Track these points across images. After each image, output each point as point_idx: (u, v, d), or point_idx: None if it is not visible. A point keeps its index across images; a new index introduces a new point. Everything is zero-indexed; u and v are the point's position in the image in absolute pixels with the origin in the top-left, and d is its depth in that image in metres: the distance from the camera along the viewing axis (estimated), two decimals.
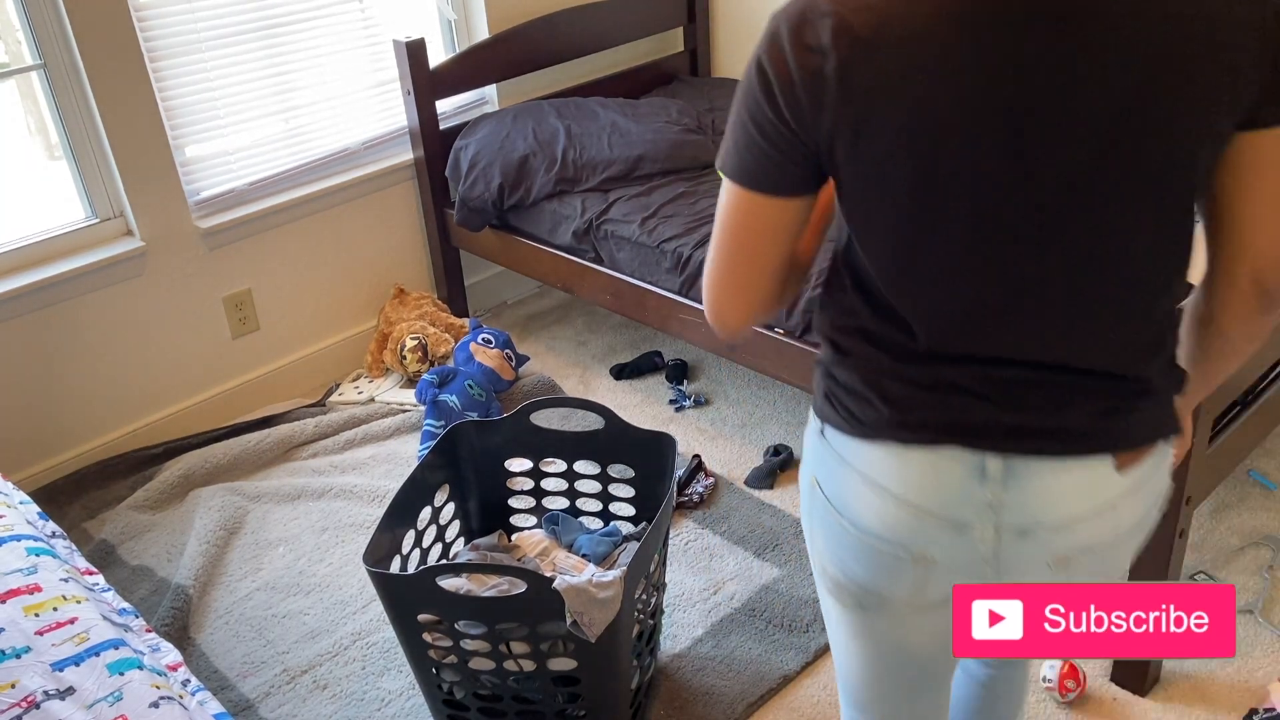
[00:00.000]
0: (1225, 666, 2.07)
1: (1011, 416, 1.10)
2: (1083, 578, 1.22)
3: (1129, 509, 1.17)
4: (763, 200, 1.08)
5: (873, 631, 1.29)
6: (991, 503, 1.13)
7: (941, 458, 1.12)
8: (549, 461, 2.22)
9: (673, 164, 2.98)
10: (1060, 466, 1.12)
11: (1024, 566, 1.20)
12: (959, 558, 1.18)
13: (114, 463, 2.84)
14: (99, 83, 2.62)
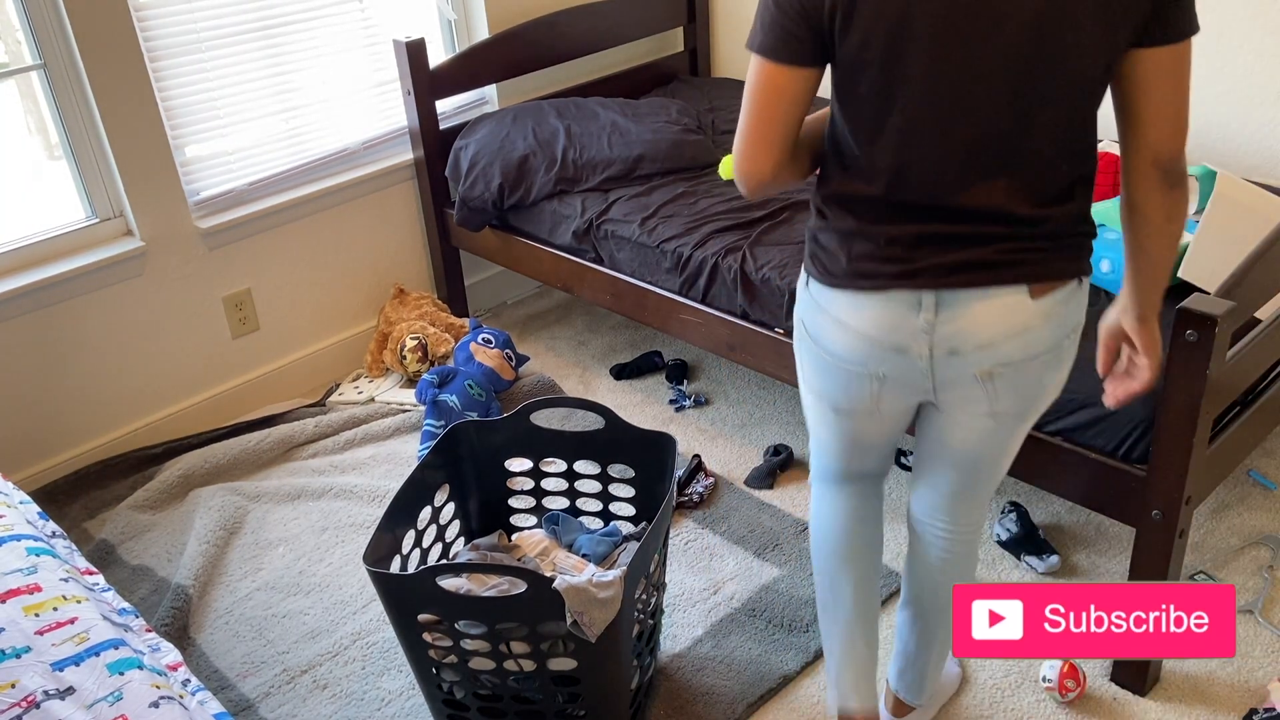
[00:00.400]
0: (1225, 666, 2.07)
1: (943, 258, 1.43)
2: (1006, 392, 1.52)
3: (1042, 332, 1.47)
4: (780, 69, 1.40)
5: (839, 426, 1.69)
6: (925, 329, 1.47)
7: (888, 299, 1.47)
8: (549, 461, 2.22)
9: (673, 164, 2.98)
10: (982, 295, 1.44)
11: (955, 379, 1.52)
12: (903, 374, 1.53)
13: (114, 463, 2.84)
14: (99, 83, 2.62)
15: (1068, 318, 1.49)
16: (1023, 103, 1.35)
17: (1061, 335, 1.50)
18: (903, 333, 1.48)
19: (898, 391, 1.56)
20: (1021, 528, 2.38)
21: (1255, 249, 1.80)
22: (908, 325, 1.47)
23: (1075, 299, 1.49)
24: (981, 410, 1.56)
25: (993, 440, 1.63)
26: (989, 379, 1.50)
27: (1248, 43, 2.66)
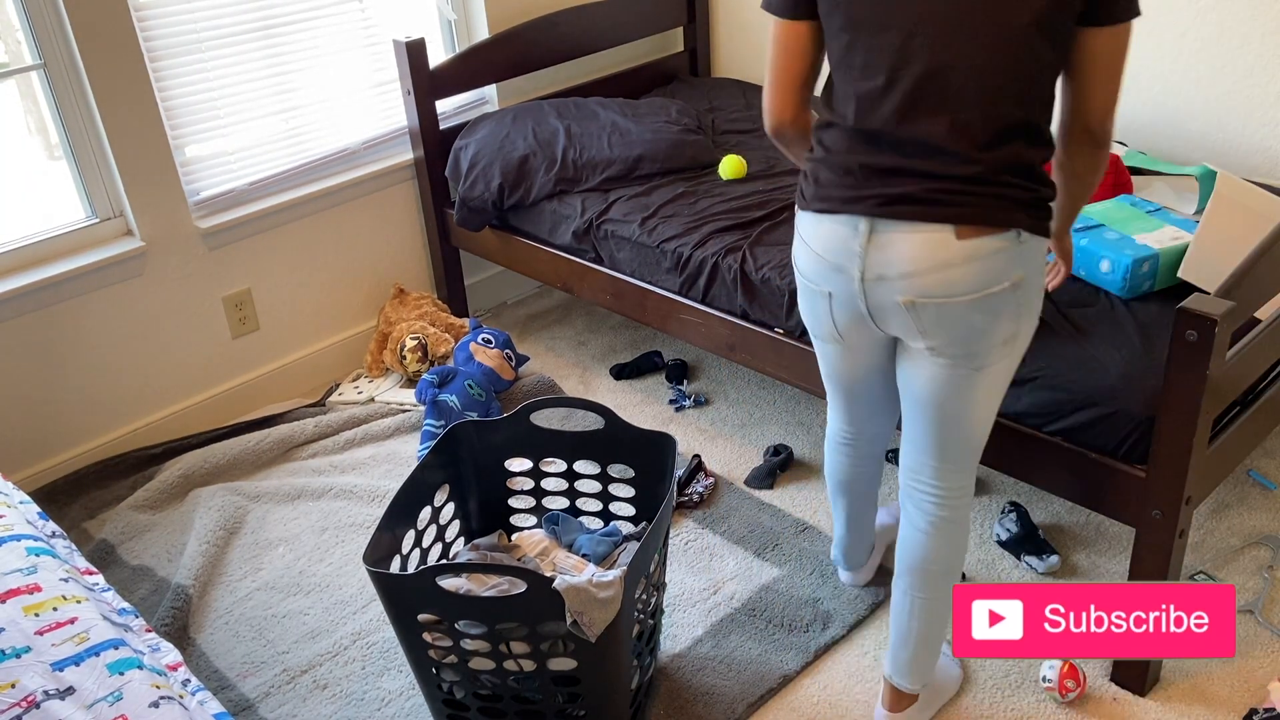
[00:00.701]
0: (1225, 666, 2.07)
1: (883, 189, 1.60)
2: (934, 327, 1.65)
3: (964, 274, 1.59)
4: (782, 23, 1.77)
5: (822, 353, 1.93)
6: (859, 253, 1.64)
7: (835, 221, 1.66)
8: (549, 461, 2.22)
9: (673, 164, 2.98)
10: (910, 228, 1.59)
11: (884, 304, 1.67)
12: (844, 293, 1.70)
13: (114, 463, 2.84)
14: (99, 83, 2.62)
15: (1000, 268, 1.59)
16: (960, 43, 1.52)
17: (990, 283, 1.59)
18: (841, 254, 1.66)
19: (845, 312, 1.73)
20: (1021, 528, 2.38)
21: (1255, 249, 1.80)
22: (846, 247, 1.65)
23: (1013, 252, 1.59)
24: (922, 346, 1.69)
25: (949, 387, 1.72)
26: (912, 308, 1.64)
27: (1248, 43, 2.66)
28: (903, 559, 1.91)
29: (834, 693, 2.09)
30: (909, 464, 1.86)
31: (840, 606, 2.26)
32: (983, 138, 1.55)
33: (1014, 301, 1.63)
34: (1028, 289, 1.64)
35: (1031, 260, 1.63)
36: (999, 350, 1.68)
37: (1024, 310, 1.66)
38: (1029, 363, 2.02)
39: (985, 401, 1.75)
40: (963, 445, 1.80)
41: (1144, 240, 2.16)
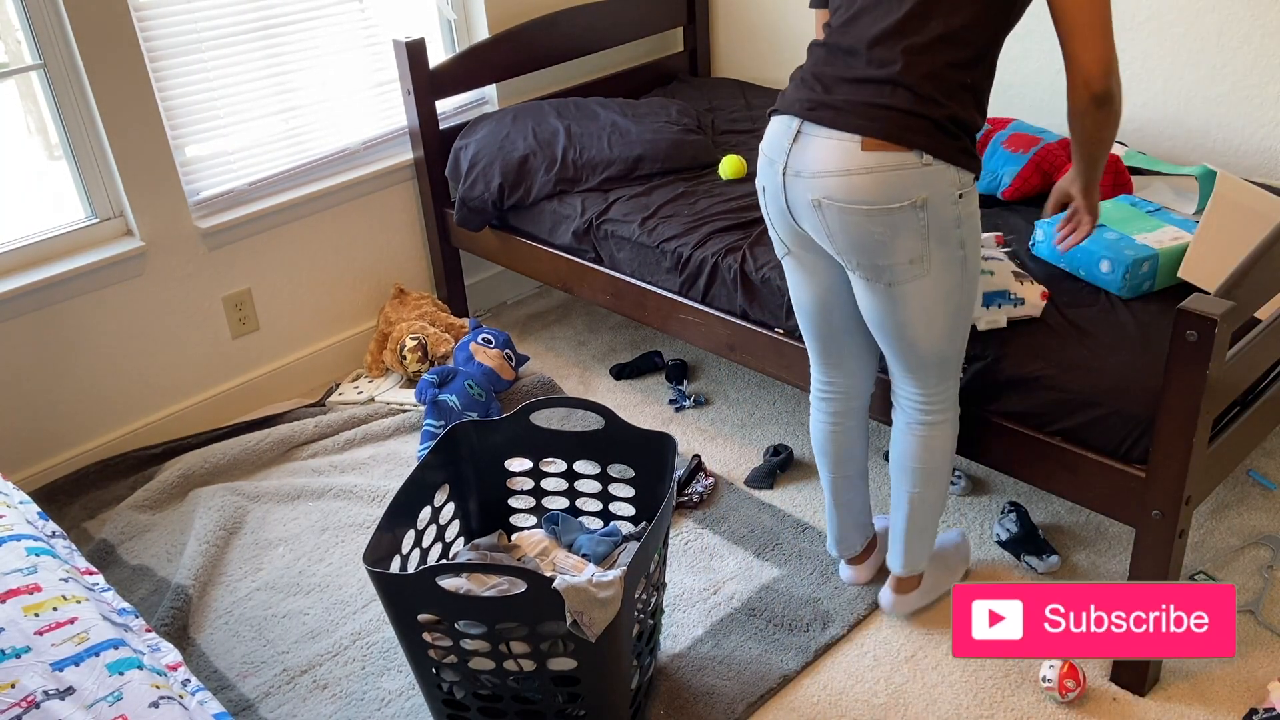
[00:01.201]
0: (1225, 666, 2.07)
1: (818, 96, 1.77)
2: (838, 231, 1.79)
3: (865, 184, 1.73)
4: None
5: (790, 280, 2.06)
6: (786, 149, 1.81)
7: (778, 121, 1.85)
8: (549, 461, 2.22)
9: (673, 164, 2.98)
10: (824, 133, 1.75)
11: (798, 201, 1.83)
12: (771, 185, 1.87)
13: (114, 463, 2.84)
14: (99, 83, 2.62)
15: (901, 185, 1.72)
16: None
17: (890, 198, 1.73)
18: (775, 149, 1.84)
19: (774, 208, 1.90)
20: (1021, 528, 2.38)
21: (1255, 249, 1.80)
22: (779, 144, 1.83)
23: (914, 172, 1.71)
24: (834, 254, 1.86)
25: (876, 304, 1.87)
26: (818, 208, 1.79)
27: (1247, 44, 2.66)
28: (892, 457, 2.11)
29: (834, 693, 2.09)
30: (892, 373, 2.04)
31: (840, 606, 2.26)
32: (905, 44, 1.70)
33: (915, 220, 1.74)
34: (934, 211, 1.74)
35: (936, 183, 1.73)
36: (908, 269, 1.79)
37: (932, 232, 1.76)
38: (1029, 363, 2.03)
39: (921, 320, 1.86)
40: (918, 360, 1.94)
41: (1144, 240, 2.16)
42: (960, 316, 1.91)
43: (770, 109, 1.89)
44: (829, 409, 2.16)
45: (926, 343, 1.91)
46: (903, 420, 2.06)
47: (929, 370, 1.97)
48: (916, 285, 1.82)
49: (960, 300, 1.88)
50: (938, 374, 1.97)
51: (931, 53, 1.70)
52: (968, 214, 1.80)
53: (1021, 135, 2.66)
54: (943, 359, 1.95)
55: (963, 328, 1.94)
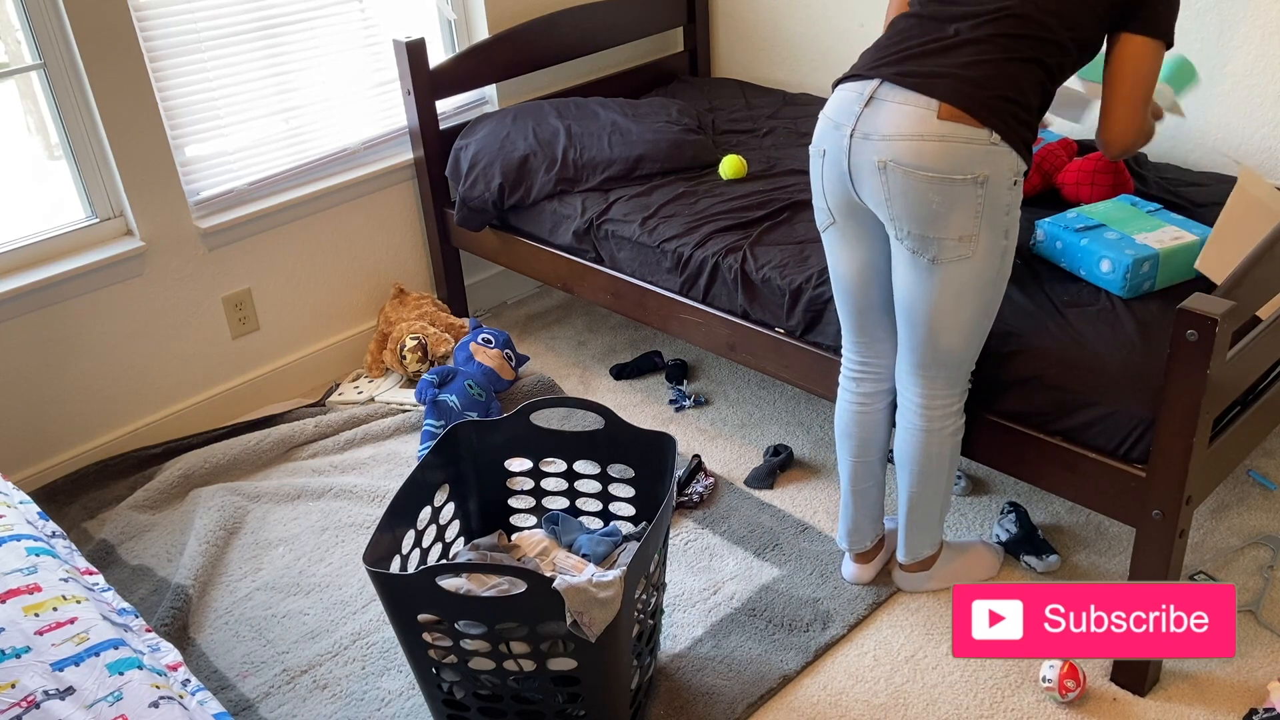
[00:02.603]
0: (1225, 666, 2.07)
1: (899, 65, 1.81)
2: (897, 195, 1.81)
3: (934, 150, 1.76)
4: None
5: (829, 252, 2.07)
6: (857, 113, 1.83)
7: (849, 88, 1.87)
8: (549, 461, 2.22)
9: (673, 164, 2.98)
10: (903, 97, 1.78)
11: (861, 162, 1.84)
12: (833, 148, 1.88)
13: (114, 463, 2.84)
14: (99, 83, 2.62)
15: (968, 158, 1.76)
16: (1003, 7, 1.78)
17: (955, 168, 1.76)
18: (843, 113, 1.86)
19: (832, 173, 1.91)
20: (1021, 528, 2.38)
21: (1256, 249, 1.80)
22: (849, 109, 1.85)
23: (983, 149, 1.75)
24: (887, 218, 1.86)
25: (913, 280, 1.89)
26: (883, 169, 1.81)
27: (1248, 43, 2.66)
28: (895, 452, 2.14)
29: (834, 693, 2.09)
30: (899, 369, 2.06)
31: (840, 606, 2.26)
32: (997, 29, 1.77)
33: (974, 197, 1.78)
34: (993, 191, 1.78)
35: (1000, 164, 1.77)
36: (955, 245, 1.82)
37: (985, 212, 1.79)
38: (1029, 363, 2.03)
39: (950, 307, 1.89)
40: (933, 356, 1.96)
41: (1144, 240, 2.16)
42: (985, 315, 1.94)
43: (837, 80, 1.92)
44: (859, 390, 2.16)
45: (948, 336, 1.93)
46: (904, 422, 2.08)
47: (940, 370, 1.98)
48: (958, 267, 1.84)
49: (991, 296, 1.91)
50: (947, 377, 1.99)
51: (1028, 45, 1.77)
52: (1016, 203, 1.84)
53: None
54: (956, 360, 1.97)
55: (983, 330, 1.96)
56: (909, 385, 2.04)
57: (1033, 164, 2.58)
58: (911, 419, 2.06)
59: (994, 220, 1.81)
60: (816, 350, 2.37)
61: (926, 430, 2.04)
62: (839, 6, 3.41)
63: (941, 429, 2.04)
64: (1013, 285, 2.23)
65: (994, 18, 1.79)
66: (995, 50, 1.78)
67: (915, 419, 2.05)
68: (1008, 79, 1.77)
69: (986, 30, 1.79)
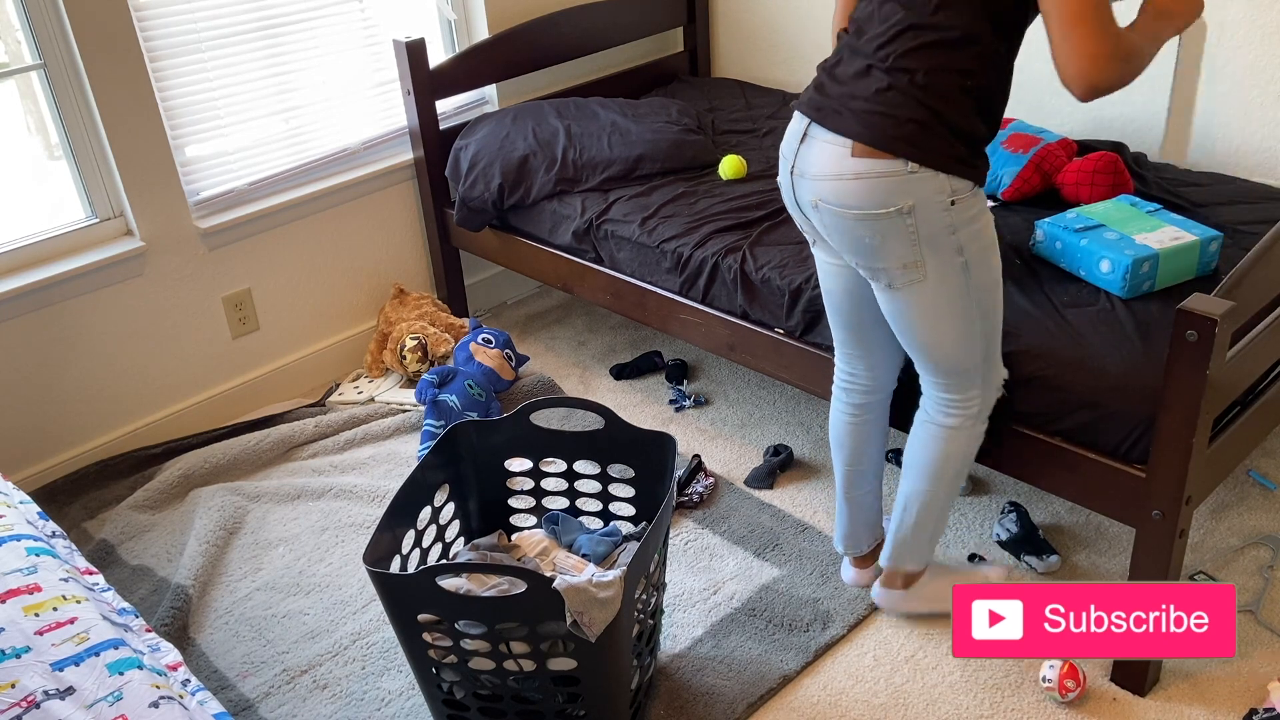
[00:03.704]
0: (1225, 666, 2.07)
1: (819, 95, 1.79)
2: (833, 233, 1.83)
3: (853, 190, 1.74)
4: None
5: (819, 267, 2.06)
6: (796, 148, 1.83)
7: (794, 119, 1.86)
8: (549, 461, 2.22)
9: (673, 164, 2.98)
10: (824, 136, 1.76)
11: (802, 198, 1.86)
12: (784, 181, 1.90)
13: (114, 463, 2.84)
14: (99, 83, 2.62)
15: (886, 192, 1.71)
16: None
17: (875, 204, 1.72)
18: (788, 147, 1.87)
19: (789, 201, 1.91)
20: (1021, 528, 2.38)
21: (1256, 249, 1.80)
22: (791, 142, 1.86)
23: (900, 180, 1.70)
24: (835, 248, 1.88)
25: (884, 303, 1.89)
26: (815, 209, 1.82)
27: (1247, 43, 2.66)
28: (906, 446, 2.11)
29: (834, 693, 2.09)
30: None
31: (840, 606, 2.26)
32: (905, 46, 1.68)
33: (903, 227, 1.73)
34: (923, 218, 1.73)
35: (923, 191, 1.71)
36: (903, 273, 1.79)
37: (923, 238, 1.75)
38: (1029, 363, 2.03)
39: (925, 324, 1.86)
40: (932, 364, 1.93)
41: (1144, 240, 2.16)
42: (971, 324, 1.87)
43: (793, 101, 1.91)
44: (849, 400, 2.16)
45: (936, 348, 1.90)
46: (920, 414, 2.05)
47: (943, 376, 1.95)
48: (916, 290, 1.82)
49: (967, 307, 1.85)
50: (956, 381, 1.95)
51: (929, 55, 1.68)
52: (965, 220, 1.76)
53: (1021, 135, 2.66)
54: (958, 367, 1.93)
55: (972, 337, 1.89)
56: (924, 382, 2.02)
57: (1030, 165, 2.58)
58: (927, 412, 2.03)
59: (936, 244, 1.76)
60: (816, 350, 2.37)
61: (942, 425, 2.00)
62: None
63: (957, 428, 1.99)
64: (1013, 285, 2.24)
65: (893, 37, 1.70)
66: (899, 73, 1.69)
67: (931, 412, 2.02)
68: (915, 100, 1.69)
69: (888, 50, 1.70)
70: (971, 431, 2.01)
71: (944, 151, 1.70)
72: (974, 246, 1.80)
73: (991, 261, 1.85)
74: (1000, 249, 1.88)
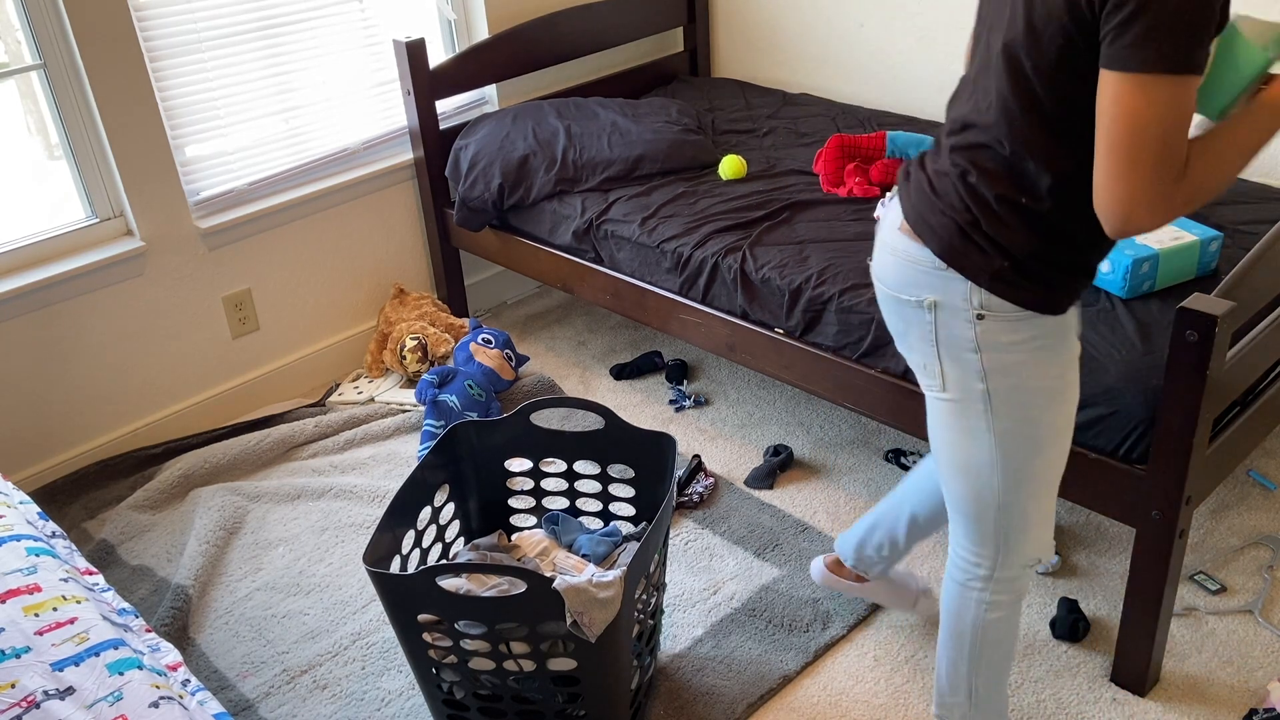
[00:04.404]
0: (1225, 666, 2.07)
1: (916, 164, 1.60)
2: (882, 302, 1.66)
3: (889, 264, 1.59)
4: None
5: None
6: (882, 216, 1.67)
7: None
8: (549, 461, 2.23)
9: (673, 164, 2.98)
10: (895, 206, 1.62)
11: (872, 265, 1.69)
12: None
13: (114, 463, 2.84)
14: (99, 83, 2.62)
15: (913, 279, 1.55)
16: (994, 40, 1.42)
17: (902, 286, 1.57)
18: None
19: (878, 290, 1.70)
20: None
21: (1256, 249, 1.80)
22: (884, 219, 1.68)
23: (928, 271, 1.52)
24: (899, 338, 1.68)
25: (932, 415, 1.65)
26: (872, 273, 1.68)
27: None
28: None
29: (834, 693, 2.09)
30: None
31: (840, 606, 2.26)
32: (962, 139, 1.49)
33: (924, 322, 1.56)
34: (945, 321, 1.52)
35: (949, 292, 1.50)
36: (924, 374, 1.61)
37: (941, 342, 1.54)
38: None
39: (938, 438, 1.64)
40: (949, 490, 1.67)
41: (1144, 240, 2.16)
42: (980, 468, 1.60)
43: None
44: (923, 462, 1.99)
45: (945, 470, 1.66)
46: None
47: (953, 508, 1.69)
48: (933, 399, 1.62)
49: (979, 448, 1.58)
50: (966, 526, 1.68)
51: (983, 156, 1.46)
52: (995, 343, 1.50)
53: None
54: (966, 510, 1.66)
55: (990, 489, 1.61)
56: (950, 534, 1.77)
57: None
58: (948, 564, 1.78)
59: (955, 355, 1.54)
60: (816, 350, 2.37)
61: (954, 583, 1.76)
62: (839, 7, 3.41)
63: (962, 584, 1.73)
64: None
65: (963, 125, 1.50)
66: (955, 165, 1.50)
67: (950, 565, 1.76)
68: (959, 197, 1.48)
69: (954, 139, 1.51)
70: (979, 597, 1.71)
71: (977, 261, 1.47)
72: (1002, 381, 1.52)
73: (1030, 413, 1.54)
74: None
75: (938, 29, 3.21)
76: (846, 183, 2.75)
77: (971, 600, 1.72)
